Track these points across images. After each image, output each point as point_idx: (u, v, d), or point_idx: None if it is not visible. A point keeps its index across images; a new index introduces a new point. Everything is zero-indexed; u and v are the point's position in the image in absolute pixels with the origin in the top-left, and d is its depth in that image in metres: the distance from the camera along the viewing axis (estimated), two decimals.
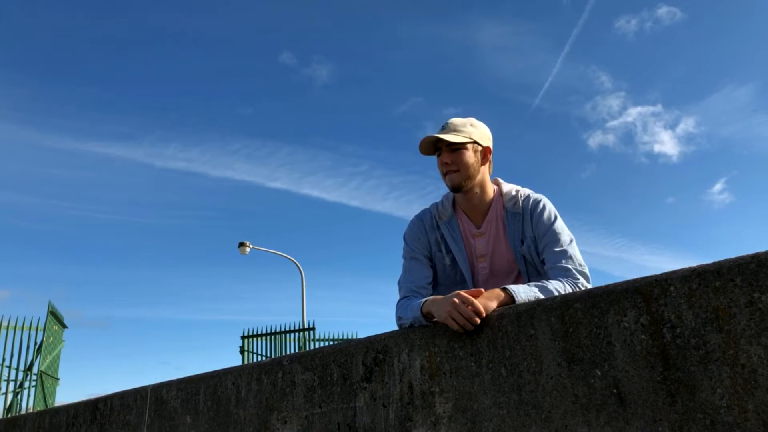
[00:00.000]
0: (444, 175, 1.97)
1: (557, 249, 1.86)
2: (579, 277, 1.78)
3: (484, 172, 2.01)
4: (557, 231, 1.89)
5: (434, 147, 2.00)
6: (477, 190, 1.99)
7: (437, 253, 2.06)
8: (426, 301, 1.70)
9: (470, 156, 1.96)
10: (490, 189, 2.04)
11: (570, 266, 1.81)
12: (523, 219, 1.96)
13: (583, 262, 1.85)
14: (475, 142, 1.97)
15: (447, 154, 1.94)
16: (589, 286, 1.78)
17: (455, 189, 1.97)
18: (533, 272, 1.94)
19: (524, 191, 2.03)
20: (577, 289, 1.73)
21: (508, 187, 2.04)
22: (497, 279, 1.99)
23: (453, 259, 2.04)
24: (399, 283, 2.04)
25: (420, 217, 2.13)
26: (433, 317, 1.65)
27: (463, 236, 2.04)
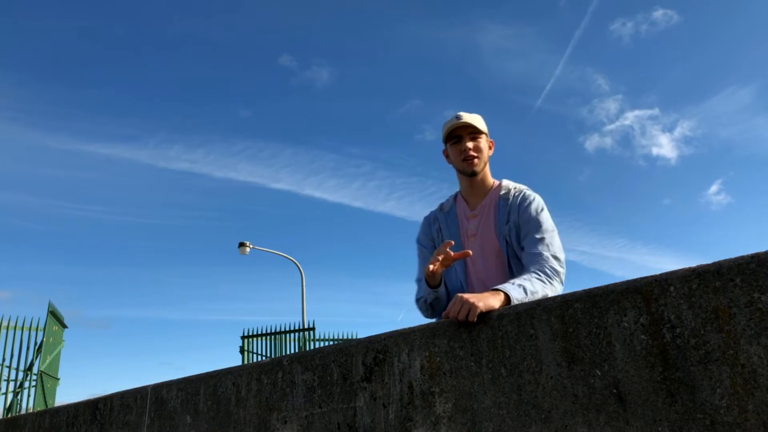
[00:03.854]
0: (463, 160, 2.16)
1: (536, 236, 2.00)
2: (552, 261, 1.91)
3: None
4: (540, 220, 2.04)
5: (447, 135, 2.20)
6: (480, 177, 2.20)
7: (438, 241, 2.26)
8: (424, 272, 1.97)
9: (485, 145, 2.21)
10: (491, 180, 2.24)
11: (544, 252, 1.94)
12: (511, 206, 2.12)
13: (559, 250, 1.98)
14: (486, 134, 2.22)
15: (470, 141, 2.16)
16: (562, 272, 1.91)
17: (473, 173, 2.18)
18: (512, 255, 2.07)
19: (521, 187, 2.21)
20: (543, 275, 1.86)
21: (508, 183, 2.23)
22: (485, 259, 2.13)
23: None
24: (416, 280, 2.25)
25: (427, 216, 2.37)
26: (435, 280, 1.99)
27: (458, 218, 2.24)
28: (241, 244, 17.20)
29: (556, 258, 1.93)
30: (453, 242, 1.91)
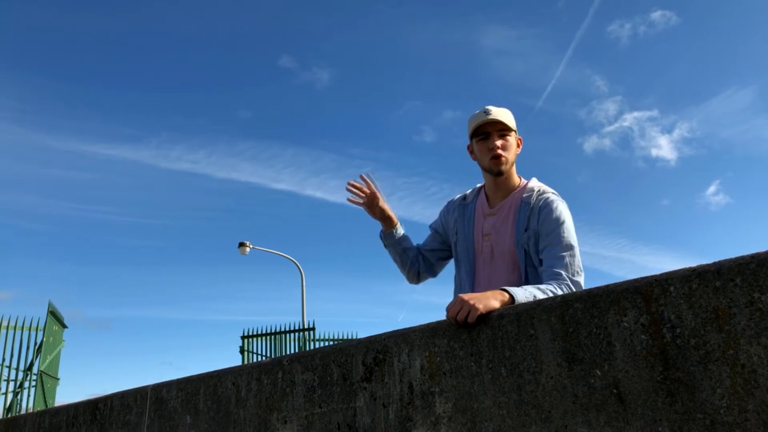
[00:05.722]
0: (490, 158, 2.05)
1: (555, 253, 1.87)
2: (569, 283, 1.80)
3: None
4: (561, 235, 1.89)
5: (474, 131, 2.10)
6: (506, 176, 2.09)
7: (452, 233, 2.23)
8: None
9: (514, 143, 2.09)
10: (516, 178, 2.13)
11: (563, 272, 1.82)
12: (532, 210, 1.99)
13: (579, 271, 1.85)
14: (515, 130, 2.11)
15: (498, 139, 2.05)
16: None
17: (500, 173, 2.07)
18: (530, 264, 1.96)
19: (546, 189, 2.07)
20: (559, 292, 1.75)
21: (534, 183, 2.11)
22: (498, 262, 2.04)
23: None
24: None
25: (450, 202, 2.33)
26: (384, 220, 2.33)
27: (475, 215, 2.16)
28: (241, 244, 17.20)
29: (575, 282, 1.81)
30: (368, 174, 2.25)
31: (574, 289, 1.79)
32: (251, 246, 17.34)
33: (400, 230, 2.35)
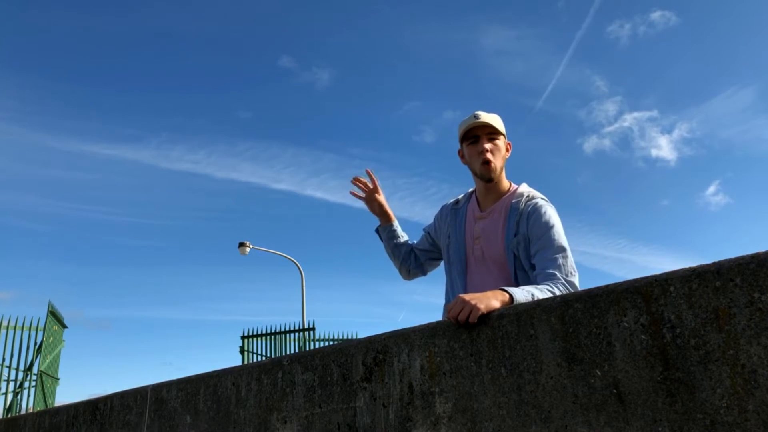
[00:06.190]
0: (481, 164, 2.07)
1: (548, 256, 1.88)
2: (565, 284, 1.80)
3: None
4: (552, 238, 1.91)
5: (464, 134, 2.13)
6: (496, 180, 2.11)
7: (445, 236, 2.25)
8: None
9: (503, 146, 2.12)
10: (506, 183, 2.15)
11: (557, 273, 1.83)
12: (521, 215, 2.00)
13: (573, 272, 1.86)
14: (504, 134, 2.14)
15: (487, 142, 2.07)
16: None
17: (490, 178, 2.08)
18: (519, 267, 1.98)
19: (535, 194, 2.08)
20: (557, 291, 1.76)
21: (524, 188, 2.12)
22: (488, 265, 2.06)
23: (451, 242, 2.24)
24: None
25: (444, 206, 2.36)
26: (381, 214, 2.48)
27: (466, 218, 2.18)
28: (241, 244, 17.21)
29: (570, 282, 1.82)
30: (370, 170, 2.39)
31: (570, 289, 1.80)
32: (251, 246, 17.34)
33: (395, 227, 2.46)
